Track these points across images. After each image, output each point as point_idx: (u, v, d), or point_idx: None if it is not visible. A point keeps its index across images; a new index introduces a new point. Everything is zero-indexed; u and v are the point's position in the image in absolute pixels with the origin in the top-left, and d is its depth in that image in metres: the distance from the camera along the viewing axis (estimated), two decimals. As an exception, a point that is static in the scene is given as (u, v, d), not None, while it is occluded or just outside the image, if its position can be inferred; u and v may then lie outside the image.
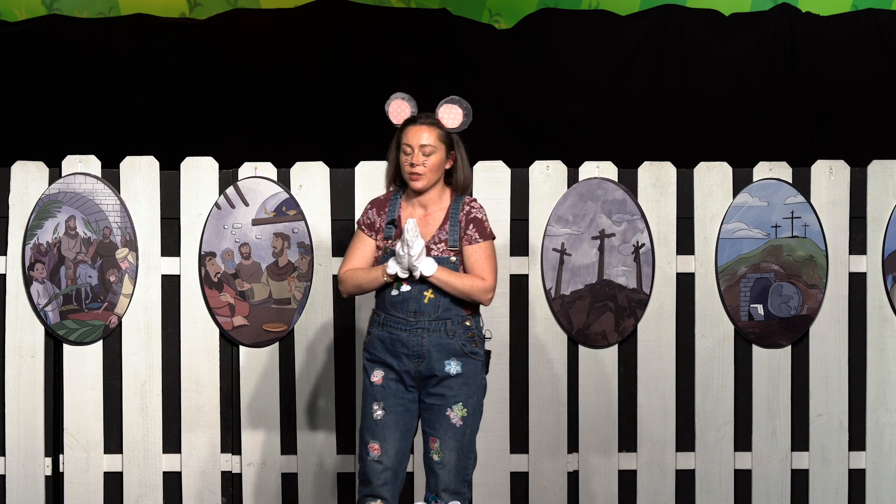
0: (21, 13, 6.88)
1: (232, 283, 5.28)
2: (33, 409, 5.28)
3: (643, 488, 5.37)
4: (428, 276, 4.29)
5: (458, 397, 4.33)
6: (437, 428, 4.32)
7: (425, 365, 4.31)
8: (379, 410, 4.33)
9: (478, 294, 4.36)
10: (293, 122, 6.85)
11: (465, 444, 4.35)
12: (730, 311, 5.35)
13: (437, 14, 6.94)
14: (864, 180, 5.39)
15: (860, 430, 5.41)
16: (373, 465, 4.32)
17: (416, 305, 4.32)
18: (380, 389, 4.34)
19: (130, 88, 6.79)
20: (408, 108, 4.44)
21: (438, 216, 4.40)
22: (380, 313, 4.38)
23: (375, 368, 4.36)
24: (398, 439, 4.32)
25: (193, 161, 5.32)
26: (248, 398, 5.31)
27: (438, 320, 4.33)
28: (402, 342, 4.32)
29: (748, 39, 6.97)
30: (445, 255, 4.35)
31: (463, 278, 4.34)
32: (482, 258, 4.37)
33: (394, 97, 4.47)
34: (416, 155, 4.35)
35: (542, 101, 6.96)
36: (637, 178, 5.36)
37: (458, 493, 4.34)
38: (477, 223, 4.40)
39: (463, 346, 4.34)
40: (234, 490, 5.34)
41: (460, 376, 4.33)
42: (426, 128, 4.38)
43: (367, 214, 4.46)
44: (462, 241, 4.37)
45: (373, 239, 4.43)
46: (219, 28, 6.87)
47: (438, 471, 4.32)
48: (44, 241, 5.26)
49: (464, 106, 4.44)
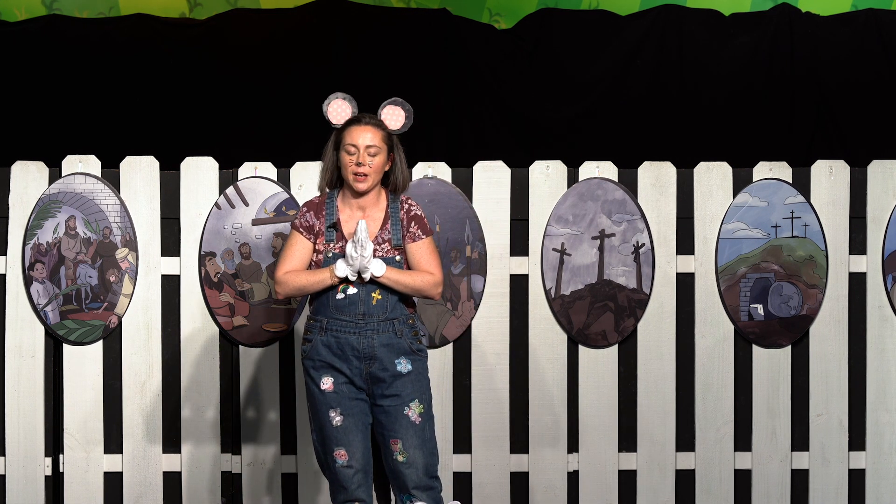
0: (21, 13, 6.88)
1: (232, 283, 5.28)
2: (33, 409, 5.28)
3: (643, 488, 5.37)
4: (378, 276, 4.28)
5: (413, 395, 4.33)
6: (398, 429, 4.31)
7: (376, 366, 4.30)
8: (337, 417, 4.30)
9: (429, 288, 4.36)
10: (293, 122, 6.85)
11: (428, 440, 4.35)
12: (730, 311, 5.35)
13: (437, 14, 6.94)
14: (864, 180, 5.39)
15: (860, 430, 5.41)
16: (344, 471, 4.31)
17: (365, 307, 4.30)
18: (333, 396, 4.31)
19: (130, 88, 6.79)
20: (348, 109, 4.41)
21: (378, 216, 4.38)
22: (320, 318, 4.34)
23: (324, 375, 4.32)
24: (361, 440, 4.32)
25: (193, 161, 5.32)
26: (248, 398, 5.31)
27: (386, 321, 4.32)
28: (352, 345, 4.30)
29: (748, 39, 6.97)
30: (391, 255, 4.35)
31: (413, 275, 4.34)
32: (427, 253, 4.38)
33: (333, 97, 4.42)
34: (361, 155, 4.31)
35: (542, 101, 6.96)
36: (637, 178, 5.36)
37: (430, 489, 4.33)
38: (418, 220, 4.40)
39: (410, 345, 4.34)
40: (234, 490, 5.34)
41: (411, 374, 4.33)
42: (371, 128, 4.35)
43: (304, 217, 4.39)
44: (405, 238, 4.37)
45: (310, 241, 4.38)
46: (219, 28, 6.87)
47: (405, 470, 4.31)
48: (44, 241, 5.26)
49: (406, 108, 4.42)
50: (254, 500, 5.32)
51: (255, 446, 5.32)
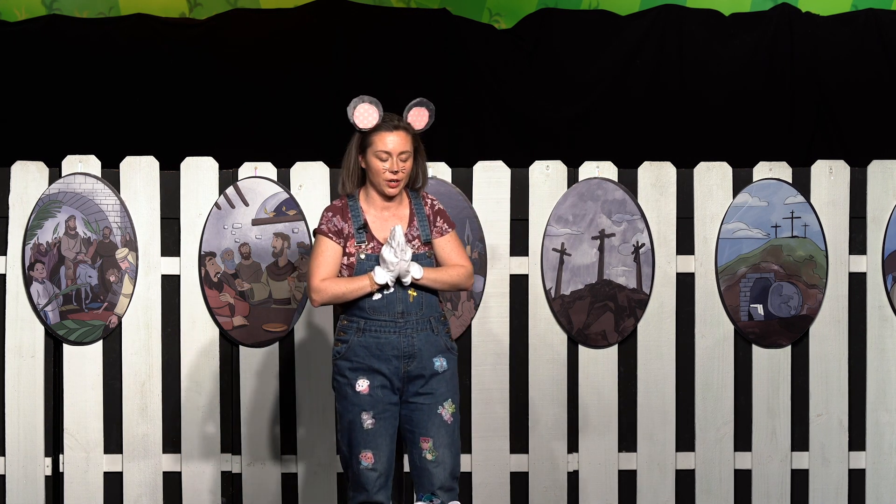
0: (21, 13, 6.88)
1: (232, 283, 5.28)
2: (33, 409, 5.28)
3: (643, 488, 5.37)
4: (418, 279, 4.27)
5: (447, 394, 4.32)
6: (430, 427, 4.30)
7: (415, 364, 4.29)
8: (369, 420, 4.28)
9: (464, 281, 4.37)
10: (293, 122, 6.85)
11: (456, 440, 4.35)
12: (730, 311, 5.35)
13: (437, 14, 6.94)
14: (864, 180, 5.39)
15: (860, 430, 5.41)
16: (367, 473, 4.29)
17: (403, 306, 4.29)
18: (367, 399, 4.29)
19: (130, 88, 6.79)
20: (375, 112, 4.31)
21: (404, 214, 4.37)
22: (356, 320, 4.30)
23: (360, 377, 4.29)
24: (388, 444, 4.31)
25: (193, 161, 5.32)
26: (248, 398, 5.31)
27: (423, 318, 4.32)
28: (392, 345, 4.28)
29: (748, 39, 6.97)
30: (421, 252, 4.35)
31: (448, 271, 4.35)
32: (456, 246, 4.40)
33: (358, 101, 4.33)
34: (394, 162, 4.29)
35: (542, 101, 6.96)
36: (637, 178, 5.36)
37: (451, 490, 4.33)
38: (443, 214, 4.41)
39: (445, 342, 4.35)
40: (234, 490, 5.34)
41: (446, 372, 4.33)
42: (402, 133, 4.31)
43: (331, 222, 4.34)
44: (433, 233, 4.38)
45: (340, 245, 4.33)
46: (219, 28, 6.87)
47: (433, 469, 4.30)
48: (44, 241, 5.26)
49: (430, 108, 4.40)
50: (254, 500, 5.32)
51: (255, 446, 5.31)
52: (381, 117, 4.33)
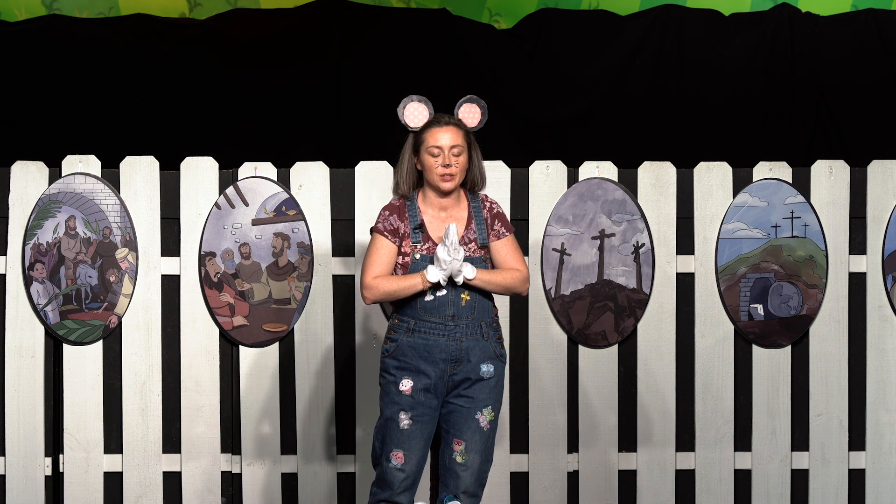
0: (21, 13, 6.88)
1: (232, 283, 5.28)
2: (33, 409, 5.28)
3: (643, 488, 5.37)
4: (470, 279, 4.26)
5: (488, 401, 4.31)
6: (464, 430, 4.30)
7: (462, 368, 4.28)
8: (406, 420, 4.27)
9: (519, 285, 4.34)
10: (293, 122, 6.85)
11: (489, 447, 4.34)
12: (730, 311, 5.35)
13: (437, 14, 6.94)
14: (864, 180, 5.39)
15: (860, 430, 5.41)
16: (395, 472, 4.29)
17: (454, 309, 4.28)
18: (409, 399, 4.27)
19: (130, 88, 6.79)
20: (425, 111, 4.38)
21: (461, 216, 4.37)
22: (406, 319, 4.30)
23: (405, 377, 4.28)
24: (421, 448, 4.30)
25: (193, 161, 5.32)
26: (248, 398, 5.31)
27: (475, 322, 4.30)
28: (441, 347, 4.26)
29: (748, 39, 6.97)
30: (477, 255, 4.33)
31: (503, 273, 4.32)
32: (513, 250, 4.38)
33: (408, 100, 4.38)
34: (446, 156, 4.30)
35: (542, 101, 6.96)
36: (637, 178, 5.36)
37: (476, 496, 4.34)
38: (501, 218, 4.40)
39: (495, 349, 4.33)
40: (234, 490, 5.34)
41: (492, 379, 4.32)
42: (453, 129, 4.34)
43: (388, 220, 4.34)
44: (490, 237, 4.37)
45: (396, 245, 4.33)
46: (219, 28, 6.87)
47: (461, 472, 4.30)
48: (44, 241, 5.26)
49: (482, 105, 4.44)
50: (254, 500, 5.32)
51: (255, 446, 5.31)
52: (431, 115, 4.35)
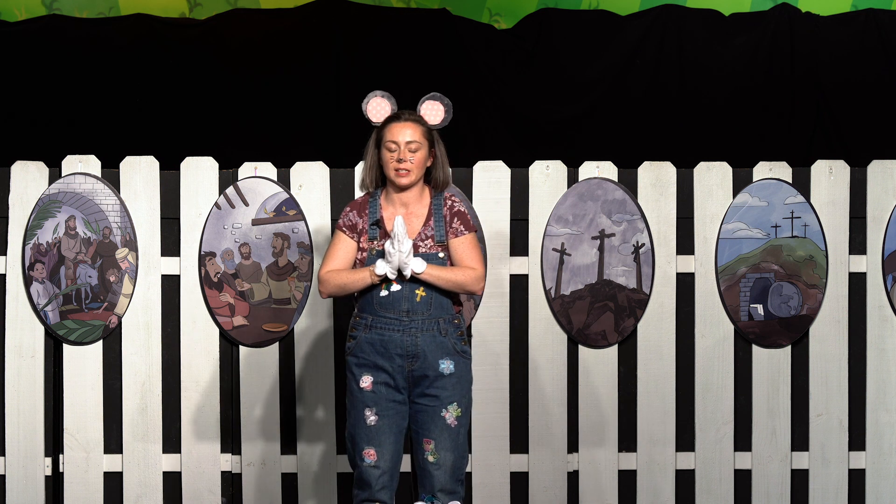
0: (21, 13, 6.88)
1: (232, 283, 5.28)
2: (33, 409, 5.28)
3: (643, 488, 5.37)
4: (419, 273, 4.28)
5: (452, 397, 4.33)
6: (432, 429, 4.32)
7: (419, 364, 4.31)
8: (372, 416, 4.31)
9: (471, 283, 4.35)
10: (293, 122, 6.85)
11: (460, 444, 4.35)
12: (730, 311, 5.35)
13: (437, 14, 6.94)
14: (864, 180, 5.39)
15: (860, 430, 5.41)
16: (370, 470, 4.31)
17: (409, 304, 4.31)
18: (370, 395, 4.31)
19: (130, 88, 6.79)
20: (388, 106, 4.43)
21: (422, 213, 4.39)
22: (365, 316, 4.35)
23: (364, 373, 4.33)
24: (393, 442, 4.32)
25: (193, 161, 5.32)
26: (248, 398, 5.31)
27: (431, 319, 4.32)
28: (395, 343, 4.30)
29: (748, 39, 6.97)
30: (433, 252, 4.35)
31: (455, 270, 4.34)
32: (470, 248, 4.39)
33: (372, 95, 4.44)
34: (402, 151, 4.33)
35: (542, 101, 6.96)
36: (637, 178, 5.36)
37: (454, 493, 4.34)
38: (461, 216, 4.41)
39: (454, 345, 4.34)
40: (234, 490, 5.34)
41: (453, 375, 4.33)
42: (411, 124, 4.37)
43: (347, 216, 4.42)
44: (448, 234, 4.38)
45: (354, 241, 4.39)
46: (219, 28, 6.87)
47: (434, 471, 4.32)
48: (44, 241, 5.26)
49: (445, 103, 4.45)
50: (254, 500, 5.32)
51: (255, 446, 5.31)
52: (393, 110, 4.37)
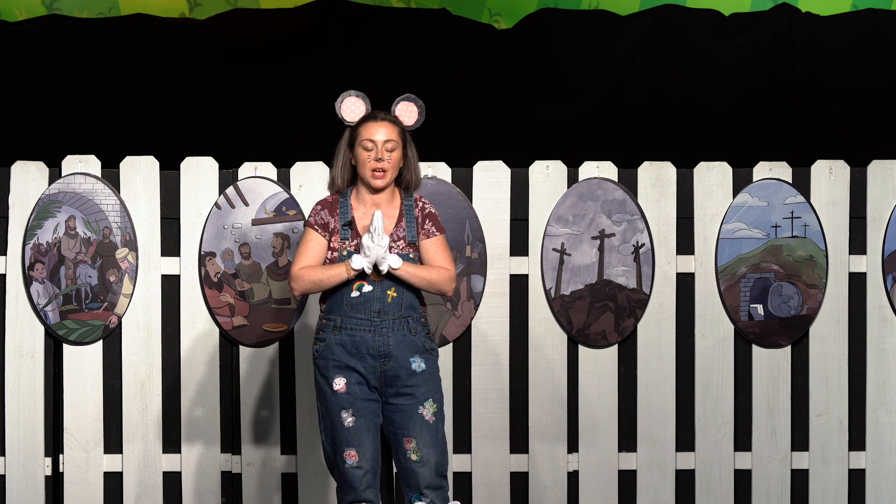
0: (21, 13, 6.88)
1: (232, 283, 5.28)
2: (33, 409, 5.28)
3: (643, 488, 5.37)
4: (395, 269, 4.28)
5: (427, 394, 4.33)
6: (412, 427, 4.31)
7: (391, 364, 4.30)
8: (349, 417, 4.30)
9: (444, 283, 4.35)
10: (293, 122, 6.85)
11: (440, 439, 4.36)
12: (730, 311, 5.35)
13: (437, 14, 6.95)
14: (864, 180, 5.39)
15: (860, 430, 5.41)
16: (353, 471, 4.30)
17: (380, 305, 4.30)
18: (346, 397, 4.30)
19: (130, 88, 6.79)
20: (362, 106, 4.40)
21: (393, 214, 4.38)
22: (333, 317, 4.32)
23: (337, 375, 4.31)
24: (371, 441, 4.32)
25: (193, 161, 5.32)
26: (248, 398, 5.31)
27: (401, 318, 4.32)
28: (367, 343, 4.29)
29: (748, 39, 6.97)
30: (405, 252, 4.35)
31: (429, 269, 4.34)
32: (441, 249, 4.39)
33: (346, 95, 4.41)
34: (379, 150, 4.31)
35: (542, 101, 6.96)
36: (637, 178, 5.36)
37: (440, 488, 4.34)
38: (432, 218, 4.41)
39: (423, 343, 4.35)
40: (234, 490, 5.34)
41: (424, 372, 4.33)
42: (387, 124, 4.35)
43: (318, 214, 4.38)
44: (420, 235, 4.38)
45: (325, 239, 4.37)
46: (219, 28, 6.87)
47: (419, 469, 4.31)
48: (44, 241, 5.26)
49: (419, 104, 4.43)
50: (254, 500, 5.32)
51: (255, 446, 5.32)
52: (367, 110, 4.37)
